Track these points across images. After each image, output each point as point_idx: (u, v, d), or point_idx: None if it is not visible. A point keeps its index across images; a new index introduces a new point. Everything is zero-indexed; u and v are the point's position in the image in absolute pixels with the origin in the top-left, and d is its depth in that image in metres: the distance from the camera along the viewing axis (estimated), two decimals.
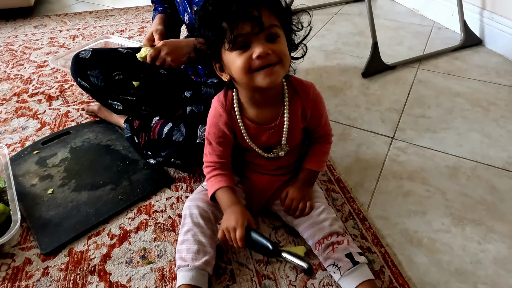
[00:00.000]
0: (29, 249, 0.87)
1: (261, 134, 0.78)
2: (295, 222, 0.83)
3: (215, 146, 0.79)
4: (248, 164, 0.87)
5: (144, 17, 2.16)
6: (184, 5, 1.07)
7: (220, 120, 0.76)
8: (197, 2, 1.01)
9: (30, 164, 1.10)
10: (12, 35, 1.96)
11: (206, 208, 0.79)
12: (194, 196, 0.82)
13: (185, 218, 0.79)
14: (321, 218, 0.78)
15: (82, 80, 1.13)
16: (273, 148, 0.80)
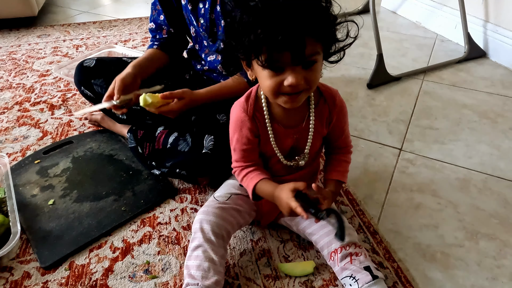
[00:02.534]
0: (28, 262, 0.84)
1: (286, 137, 0.75)
2: (308, 230, 0.80)
3: (240, 152, 0.76)
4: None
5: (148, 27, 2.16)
6: (190, 18, 1.05)
7: (243, 126, 0.74)
8: (203, 14, 1.00)
9: (31, 174, 1.07)
10: (15, 44, 1.95)
11: (219, 224, 0.76)
12: (206, 209, 0.79)
13: (195, 232, 0.76)
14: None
15: (85, 89, 1.11)
16: (295, 155, 0.78)
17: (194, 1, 1.00)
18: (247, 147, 0.76)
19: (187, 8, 1.03)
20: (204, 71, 1.14)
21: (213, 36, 1.04)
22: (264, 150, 0.78)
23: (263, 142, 0.77)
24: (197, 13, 1.02)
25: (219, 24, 0.99)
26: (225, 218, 0.79)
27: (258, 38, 0.58)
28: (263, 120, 0.74)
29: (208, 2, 0.97)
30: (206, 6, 0.98)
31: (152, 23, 1.14)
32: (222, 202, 0.82)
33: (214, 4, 0.96)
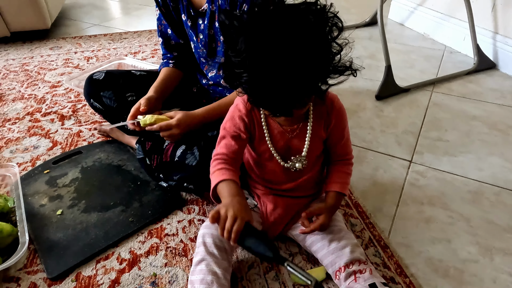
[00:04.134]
0: (35, 272, 0.84)
1: (281, 136, 0.75)
2: (313, 248, 0.79)
3: (228, 140, 0.75)
4: (265, 186, 0.83)
5: (157, 40, 2.20)
6: (190, 34, 1.06)
7: (237, 114, 0.75)
8: (202, 30, 1.01)
9: (40, 184, 1.08)
10: (28, 56, 1.99)
11: (221, 237, 0.75)
12: (208, 223, 0.78)
13: (198, 246, 0.76)
14: (341, 244, 0.74)
15: (95, 101, 1.12)
16: (292, 156, 0.77)
17: (193, 17, 1.01)
18: (237, 135, 0.75)
19: (187, 24, 1.04)
20: (210, 85, 1.15)
21: (212, 51, 1.04)
22: (259, 149, 0.78)
23: (258, 139, 0.77)
24: (197, 29, 1.03)
25: (218, 39, 1.00)
26: None
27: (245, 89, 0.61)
28: (259, 116, 0.75)
29: (207, 18, 0.98)
30: (205, 22, 0.99)
31: (160, 38, 1.15)
32: None
33: (212, 20, 0.97)
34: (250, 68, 0.57)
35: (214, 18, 0.96)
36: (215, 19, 0.95)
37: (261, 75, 0.57)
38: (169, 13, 1.08)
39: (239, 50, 0.58)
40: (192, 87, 1.22)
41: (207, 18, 0.97)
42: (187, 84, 1.21)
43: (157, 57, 1.97)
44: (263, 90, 0.58)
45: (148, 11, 2.83)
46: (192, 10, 0.99)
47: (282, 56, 0.55)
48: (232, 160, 0.75)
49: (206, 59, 1.08)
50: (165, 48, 1.16)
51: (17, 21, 2.06)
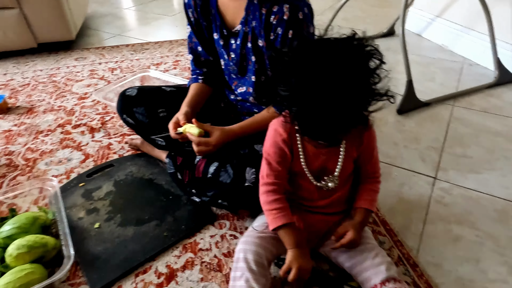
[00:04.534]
0: (79, 285, 0.88)
1: (316, 157, 0.78)
2: (347, 264, 0.81)
3: (274, 166, 0.79)
4: (298, 202, 0.86)
5: (178, 51, 2.25)
6: (221, 52, 1.10)
7: (279, 139, 0.78)
8: (234, 49, 1.04)
9: (77, 197, 1.12)
10: (55, 67, 2.06)
11: (260, 253, 0.78)
12: (247, 239, 0.82)
13: (238, 261, 0.79)
14: (376, 262, 0.77)
15: (127, 116, 1.16)
16: (325, 175, 0.80)
17: (225, 36, 1.05)
18: (281, 160, 0.79)
19: (219, 43, 1.08)
20: (238, 100, 1.18)
21: (243, 70, 1.08)
22: (294, 168, 0.81)
23: (294, 160, 0.80)
24: (229, 48, 1.06)
25: (250, 59, 1.03)
26: (265, 247, 0.81)
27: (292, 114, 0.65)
28: (295, 138, 0.78)
29: (239, 38, 1.01)
30: (238, 42, 1.02)
31: (190, 54, 1.19)
32: (261, 231, 0.85)
33: (245, 41, 1.00)
34: (301, 102, 0.61)
35: (247, 39, 0.99)
36: (248, 40, 0.99)
37: (311, 109, 0.61)
38: (200, 32, 1.12)
39: (290, 85, 0.61)
40: (220, 102, 1.25)
41: (240, 38, 1.00)
42: (215, 99, 1.25)
43: (179, 68, 2.01)
44: (313, 121, 0.62)
45: (166, 21, 2.89)
46: (225, 30, 1.03)
47: (331, 90, 0.59)
48: (282, 186, 0.80)
49: (236, 76, 1.12)
50: (194, 64, 1.20)
51: (44, 32, 2.13)
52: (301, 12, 0.87)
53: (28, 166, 1.28)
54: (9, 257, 0.87)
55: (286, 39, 0.89)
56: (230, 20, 1.01)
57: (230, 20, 1.01)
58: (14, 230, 0.92)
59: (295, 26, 0.87)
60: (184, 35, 2.55)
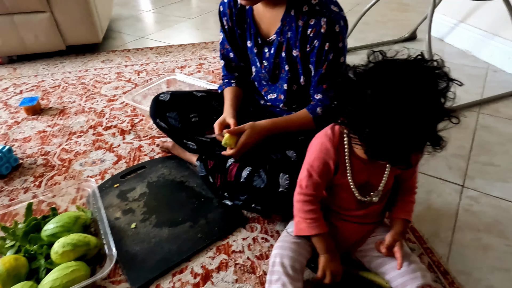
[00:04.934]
0: (119, 283, 0.92)
1: (361, 172, 0.80)
2: (382, 269, 0.83)
3: (315, 178, 0.80)
4: (333, 211, 0.88)
5: (201, 54, 2.29)
6: (254, 59, 1.12)
7: (327, 154, 0.79)
8: (267, 58, 1.07)
9: (112, 197, 1.17)
10: (83, 69, 2.13)
11: (295, 258, 0.81)
12: (283, 244, 0.84)
13: (274, 265, 0.81)
14: (412, 268, 0.78)
15: (160, 121, 1.20)
16: (367, 190, 0.82)
17: (260, 44, 1.08)
18: (324, 174, 0.80)
19: (253, 51, 1.11)
20: (267, 106, 1.21)
21: (275, 77, 1.10)
22: (338, 181, 0.83)
23: (340, 174, 0.81)
24: (262, 56, 1.09)
25: (283, 67, 1.06)
26: (300, 252, 0.84)
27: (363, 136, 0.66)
28: (343, 152, 0.79)
29: (274, 47, 1.04)
30: (272, 51, 1.05)
31: (222, 60, 1.23)
32: (296, 237, 0.87)
33: (280, 50, 1.03)
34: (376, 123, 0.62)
35: (281, 48, 1.02)
36: (282, 49, 1.02)
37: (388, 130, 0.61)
38: (233, 39, 1.15)
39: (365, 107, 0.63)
40: (249, 106, 1.28)
41: (274, 47, 1.03)
42: (245, 104, 1.28)
43: (203, 72, 2.05)
44: (387, 142, 0.63)
45: (188, 24, 2.94)
46: (259, 39, 1.06)
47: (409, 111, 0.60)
48: (318, 198, 0.83)
49: (267, 83, 1.15)
50: (226, 69, 1.23)
51: (73, 35, 2.20)
52: (338, 25, 0.89)
53: (64, 167, 1.33)
54: (54, 254, 0.91)
55: (322, 51, 0.92)
56: (265, 29, 1.04)
57: (265, 29, 1.03)
58: (58, 228, 0.97)
59: (331, 39, 0.90)
60: (206, 38, 2.60)
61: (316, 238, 0.81)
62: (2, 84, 1.98)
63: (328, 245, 0.81)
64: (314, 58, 0.94)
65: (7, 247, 0.98)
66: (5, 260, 0.89)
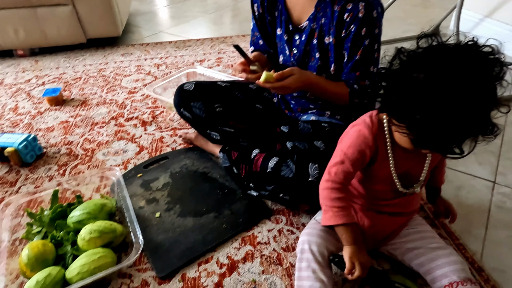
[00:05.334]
0: (145, 271, 0.91)
1: (403, 161, 0.77)
2: (416, 261, 0.80)
3: (347, 166, 0.77)
4: (365, 204, 0.86)
5: (220, 48, 2.29)
6: (283, 47, 1.10)
7: (364, 143, 0.75)
8: (297, 45, 1.05)
9: (136, 187, 1.17)
10: (103, 62, 2.14)
11: (325, 245, 0.80)
12: (312, 231, 0.83)
13: (303, 252, 0.80)
14: (452, 259, 0.76)
15: (185, 110, 1.20)
16: (409, 181, 0.79)
17: (290, 32, 1.06)
18: (358, 163, 0.77)
19: (283, 38, 1.09)
20: (293, 97, 1.19)
21: (304, 66, 1.08)
22: (378, 173, 0.80)
23: (379, 165, 0.78)
24: (292, 44, 1.07)
25: (313, 55, 1.04)
26: (330, 240, 0.82)
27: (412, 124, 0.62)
28: (383, 142, 0.76)
29: (305, 34, 1.02)
30: (303, 38, 1.03)
31: (252, 47, 1.21)
32: None
33: (311, 37, 1.01)
34: (427, 110, 0.59)
35: (313, 35, 1.00)
36: (314, 36, 0.99)
37: (440, 117, 0.58)
38: (263, 26, 1.13)
39: (415, 92, 0.60)
40: (272, 98, 1.27)
41: (306, 34, 1.01)
42: (268, 96, 1.26)
43: (222, 65, 2.04)
44: (438, 131, 0.59)
45: (205, 19, 2.93)
46: (291, 25, 1.04)
47: (465, 98, 0.57)
48: (346, 187, 0.80)
49: None
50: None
51: (94, 28, 2.21)
52: (375, 11, 0.87)
53: (87, 156, 1.34)
54: (81, 241, 0.91)
55: (359, 37, 0.90)
56: (297, 16, 1.02)
57: (296, 16, 1.01)
58: (84, 215, 0.97)
59: (368, 24, 0.88)
60: (224, 33, 2.59)
61: (343, 228, 0.76)
62: (25, 75, 2.01)
63: (356, 236, 0.76)
64: (349, 44, 0.92)
65: (34, 233, 0.99)
66: (33, 245, 0.89)
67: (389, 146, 0.75)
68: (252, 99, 1.24)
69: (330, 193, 0.79)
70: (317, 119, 1.12)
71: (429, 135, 0.62)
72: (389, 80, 0.67)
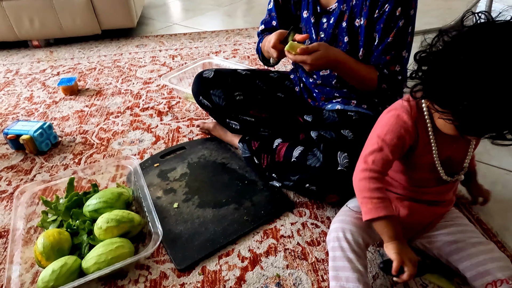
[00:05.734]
0: (163, 262, 0.87)
1: (445, 147, 0.71)
2: (455, 257, 0.74)
3: (386, 154, 0.70)
4: (404, 191, 0.80)
5: (235, 40, 2.24)
6: (310, 31, 1.05)
7: (404, 128, 0.69)
8: (325, 29, 0.99)
9: (153, 177, 1.13)
10: (117, 53, 2.11)
11: (360, 234, 0.75)
12: (345, 219, 0.78)
13: (337, 240, 0.75)
14: (496, 256, 0.71)
15: (204, 98, 1.15)
16: (452, 168, 0.74)
17: (318, 14, 1.00)
18: (397, 149, 0.70)
19: (309, 21, 1.03)
20: (317, 84, 1.13)
21: None
22: (419, 161, 0.74)
23: (420, 151, 0.72)
24: (319, 27, 1.02)
25: (341, 40, 0.98)
26: (364, 229, 0.77)
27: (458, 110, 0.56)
28: (423, 127, 0.70)
29: (334, 17, 0.96)
30: (331, 21, 0.97)
31: (263, 25, 1.16)
32: (359, 213, 0.79)
33: (340, 20, 0.95)
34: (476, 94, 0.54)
35: (342, 18, 0.94)
36: (344, 19, 0.94)
37: (491, 102, 0.53)
38: (285, 7, 1.08)
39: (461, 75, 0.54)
40: (295, 86, 1.21)
41: (334, 17, 0.95)
42: (290, 84, 1.21)
43: (238, 57, 2.00)
44: (489, 116, 0.54)
45: (220, 11, 2.89)
46: (319, 7, 0.98)
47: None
48: (383, 176, 0.73)
49: None
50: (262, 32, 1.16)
51: (109, 19, 2.19)
52: None
53: (103, 145, 1.31)
54: (98, 230, 0.88)
55: (393, 17, 0.84)
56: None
57: None
58: (101, 204, 0.94)
59: (404, 3, 0.82)
60: (239, 25, 2.54)
61: (384, 222, 0.70)
62: (40, 66, 2.00)
63: (398, 230, 0.69)
64: (381, 25, 0.86)
65: (49, 222, 0.96)
66: (49, 233, 0.86)
67: (430, 131, 0.70)
68: (273, 87, 1.19)
69: (368, 183, 0.72)
70: (343, 107, 1.07)
71: (478, 122, 0.56)
72: (431, 64, 0.61)
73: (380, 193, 0.71)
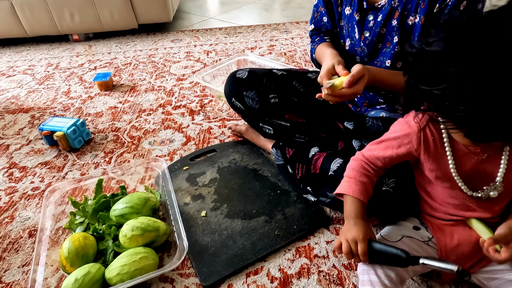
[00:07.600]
0: (188, 276, 0.82)
1: (468, 158, 0.63)
2: None
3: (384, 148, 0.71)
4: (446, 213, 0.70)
5: (272, 35, 2.15)
6: (352, 29, 0.94)
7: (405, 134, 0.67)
8: (370, 27, 0.88)
9: (181, 181, 1.08)
10: (153, 48, 2.10)
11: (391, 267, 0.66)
12: None
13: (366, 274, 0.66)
14: None
15: (236, 100, 1.08)
16: (482, 184, 0.64)
17: (363, 11, 0.89)
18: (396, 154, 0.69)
19: (353, 18, 0.92)
20: None
21: (375, 52, 0.92)
22: (435, 175, 0.66)
23: (432, 163, 0.65)
24: (364, 25, 0.91)
25: (389, 40, 0.87)
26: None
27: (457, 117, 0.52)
28: (438, 134, 0.64)
29: (382, 14, 0.85)
30: (379, 18, 0.86)
31: (313, 25, 1.07)
32: (393, 242, 0.71)
33: (390, 17, 0.84)
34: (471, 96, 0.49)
35: (392, 15, 0.83)
36: (394, 16, 0.83)
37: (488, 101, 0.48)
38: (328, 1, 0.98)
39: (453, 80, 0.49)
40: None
41: (383, 14, 0.84)
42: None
43: (275, 53, 1.91)
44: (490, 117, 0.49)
45: (257, 5, 2.81)
46: (365, 3, 0.88)
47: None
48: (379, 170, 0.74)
49: (362, 59, 0.96)
50: (313, 32, 1.08)
51: (146, 14, 2.18)
52: None
53: (133, 144, 1.28)
54: (123, 238, 0.84)
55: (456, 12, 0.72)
56: None
57: None
58: (127, 209, 0.90)
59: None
60: (276, 19, 2.45)
61: (347, 200, 0.72)
62: (78, 60, 2.03)
63: (355, 211, 0.70)
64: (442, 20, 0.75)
65: (76, 224, 0.94)
66: (75, 237, 0.84)
67: (446, 141, 0.63)
68: (311, 89, 1.10)
69: (355, 164, 0.75)
70: (389, 115, 0.96)
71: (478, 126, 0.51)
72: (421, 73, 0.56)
73: (360, 177, 0.72)
